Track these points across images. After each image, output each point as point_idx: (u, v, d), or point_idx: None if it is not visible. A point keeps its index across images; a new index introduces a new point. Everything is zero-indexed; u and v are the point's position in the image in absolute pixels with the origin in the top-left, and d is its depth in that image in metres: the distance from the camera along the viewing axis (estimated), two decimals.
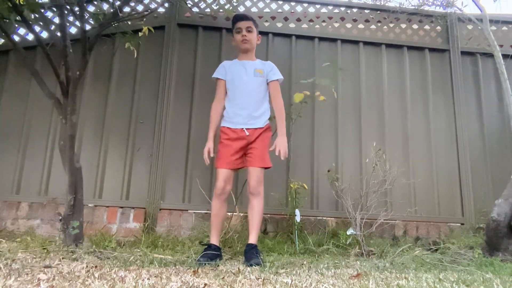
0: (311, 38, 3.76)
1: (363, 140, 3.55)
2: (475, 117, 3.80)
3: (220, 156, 2.38)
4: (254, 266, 1.98)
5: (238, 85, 2.45)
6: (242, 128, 2.36)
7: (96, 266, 1.73)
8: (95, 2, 3.51)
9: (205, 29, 3.65)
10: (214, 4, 3.70)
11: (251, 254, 2.16)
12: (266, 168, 2.39)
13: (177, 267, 1.87)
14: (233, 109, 2.42)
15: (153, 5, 3.65)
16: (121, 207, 3.18)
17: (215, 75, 2.55)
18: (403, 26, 3.95)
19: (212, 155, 2.40)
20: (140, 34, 3.16)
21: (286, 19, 3.80)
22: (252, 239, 2.28)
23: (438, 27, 3.99)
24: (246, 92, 2.42)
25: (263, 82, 2.49)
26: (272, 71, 2.53)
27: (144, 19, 3.38)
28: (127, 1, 2.98)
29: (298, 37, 3.76)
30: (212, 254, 2.18)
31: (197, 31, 3.64)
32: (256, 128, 2.38)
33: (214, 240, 2.32)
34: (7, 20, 2.43)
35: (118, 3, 2.77)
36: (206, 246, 2.29)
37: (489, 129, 3.77)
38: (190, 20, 3.66)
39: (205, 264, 2.02)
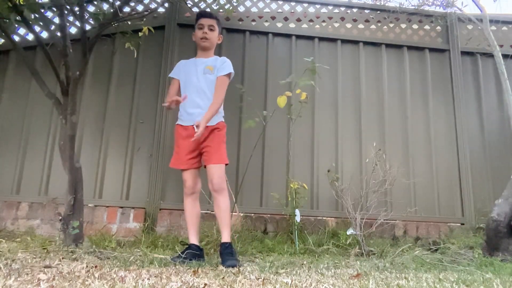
0: (311, 38, 3.76)
1: (363, 140, 3.55)
2: (475, 117, 3.80)
3: (175, 156, 2.38)
4: (230, 268, 1.94)
5: (188, 84, 2.42)
6: (193, 126, 2.29)
7: (96, 266, 1.73)
8: (95, 2, 3.51)
9: None
10: (214, 4, 3.70)
11: (226, 255, 2.13)
12: (224, 164, 2.34)
13: (177, 267, 1.87)
14: (184, 108, 2.39)
15: (153, 5, 3.65)
16: (121, 207, 3.18)
17: (170, 74, 2.55)
18: (403, 26, 3.95)
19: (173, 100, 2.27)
20: (140, 34, 3.16)
21: (286, 19, 3.80)
22: (225, 237, 2.23)
23: (438, 27, 3.99)
24: (196, 90, 2.37)
25: (213, 79, 2.40)
26: (222, 66, 2.42)
27: (144, 19, 3.38)
28: (127, 1, 2.98)
29: (298, 37, 3.76)
30: (190, 253, 2.16)
31: None
32: (207, 126, 2.29)
33: (193, 240, 2.29)
34: (7, 20, 2.43)
35: (118, 3, 2.76)
36: (186, 246, 2.27)
37: (489, 129, 3.77)
38: (190, 20, 3.65)
39: (178, 262, 2.01)
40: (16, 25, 2.71)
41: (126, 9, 3.22)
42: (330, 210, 3.36)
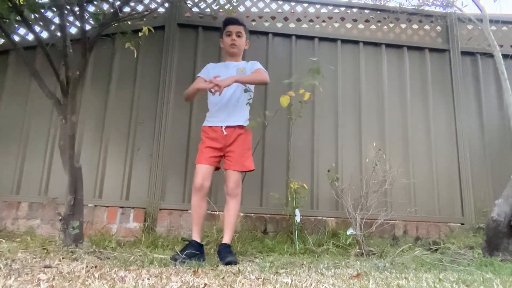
0: (311, 38, 3.76)
1: (363, 140, 3.55)
2: (475, 117, 3.80)
3: (200, 153, 2.41)
4: (230, 265, 2.00)
5: None
6: (221, 126, 2.37)
7: (96, 266, 1.73)
8: (95, 2, 3.51)
9: (205, 29, 3.65)
10: (214, 4, 3.70)
11: (225, 253, 2.17)
12: (248, 171, 2.45)
13: (177, 267, 1.87)
14: (213, 109, 2.45)
15: (153, 5, 3.65)
16: (121, 207, 3.18)
17: (199, 74, 2.58)
18: (403, 26, 3.95)
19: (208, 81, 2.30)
20: (140, 34, 3.16)
21: (286, 19, 3.80)
22: (226, 239, 2.29)
23: (438, 27, 3.99)
24: (227, 92, 2.39)
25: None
26: (254, 64, 2.52)
27: (144, 19, 3.38)
28: (127, 1, 2.98)
29: (298, 37, 3.76)
30: (191, 253, 2.15)
31: (197, 31, 3.64)
32: (235, 127, 2.40)
33: (196, 237, 2.31)
34: (7, 20, 2.43)
35: (118, 3, 2.76)
36: (187, 243, 2.28)
37: (489, 129, 3.77)
38: (190, 20, 3.66)
39: (178, 262, 2.00)
40: (16, 25, 2.72)
41: (126, 9, 3.22)
42: (330, 210, 3.36)
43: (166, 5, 3.60)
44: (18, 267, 1.63)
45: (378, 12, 3.96)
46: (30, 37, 3.46)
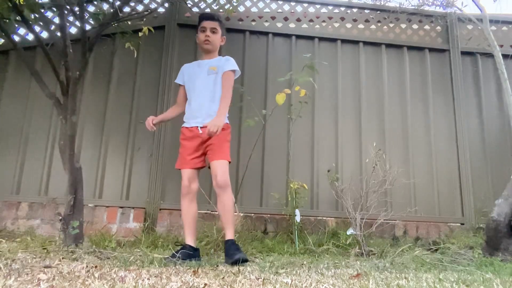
0: (311, 38, 3.76)
1: (363, 140, 3.55)
2: (475, 117, 3.80)
3: (179, 157, 2.38)
4: (241, 264, 1.96)
5: (192, 87, 2.43)
6: (197, 126, 2.33)
7: (96, 266, 1.73)
8: (95, 2, 3.51)
9: None
10: (214, 4, 3.70)
11: (234, 250, 2.09)
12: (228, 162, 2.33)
13: (177, 267, 1.87)
14: (189, 111, 2.42)
15: (153, 5, 3.65)
16: (121, 207, 3.18)
17: (175, 80, 2.56)
18: (403, 26, 3.95)
19: (152, 122, 2.39)
20: (140, 34, 3.17)
21: (286, 19, 3.80)
22: (229, 234, 2.21)
23: (438, 27, 3.99)
24: (200, 92, 2.38)
25: (218, 79, 2.40)
26: (226, 63, 2.43)
27: (144, 19, 3.38)
28: (127, 1, 2.99)
29: (298, 37, 3.76)
30: (184, 253, 2.14)
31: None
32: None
33: (189, 241, 2.28)
34: (7, 20, 2.43)
35: (118, 3, 2.77)
36: (181, 246, 2.27)
37: (489, 129, 3.77)
38: (190, 20, 3.66)
39: (173, 263, 1.99)
40: (16, 25, 2.72)
41: (126, 9, 3.23)
42: (330, 210, 3.36)
43: (166, 5, 3.60)
44: (18, 267, 1.63)
45: (378, 12, 3.96)
46: (30, 37, 3.47)
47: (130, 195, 3.26)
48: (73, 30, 3.42)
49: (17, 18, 2.40)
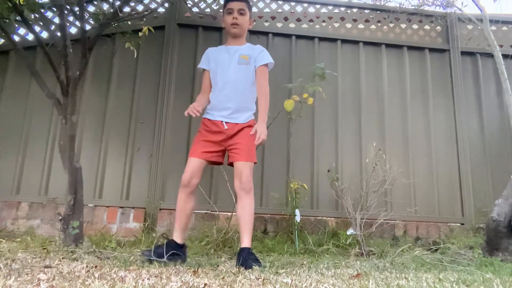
0: (311, 38, 3.76)
1: (363, 140, 3.55)
2: (475, 117, 3.80)
3: (194, 145, 2.19)
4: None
5: (220, 75, 2.20)
6: (222, 121, 2.14)
7: (96, 266, 1.73)
8: (95, 2, 3.51)
9: (205, 29, 3.65)
10: (214, 4, 3.70)
11: (251, 261, 1.87)
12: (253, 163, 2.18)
13: (177, 267, 1.87)
14: (215, 101, 2.20)
15: (153, 5, 3.65)
16: (121, 207, 3.18)
17: (199, 65, 2.34)
18: (403, 26, 3.95)
19: (199, 109, 2.15)
20: (140, 34, 3.16)
21: (286, 19, 3.80)
22: (246, 242, 2.01)
23: (438, 27, 3.99)
24: (229, 82, 2.16)
25: (250, 70, 2.20)
26: (260, 55, 2.23)
27: (144, 19, 3.38)
28: (127, 1, 2.99)
29: (298, 37, 3.76)
30: (162, 252, 1.97)
31: (197, 31, 3.64)
32: (236, 123, 2.15)
33: (176, 236, 2.08)
34: (7, 20, 2.43)
35: (118, 3, 2.77)
36: (166, 240, 2.12)
37: (489, 129, 3.77)
38: (190, 20, 3.66)
39: (148, 260, 1.92)
40: (16, 25, 2.72)
41: (126, 9, 3.23)
42: (330, 210, 3.36)
43: (166, 5, 3.60)
44: (18, 267, 1.63)
45: (378, 12, 3.96)
46: (30, 37, 3.46)
47: (130, 195, 3.26)
48: (73, 30, 3.42)
49: (17, 18, 2.40)
